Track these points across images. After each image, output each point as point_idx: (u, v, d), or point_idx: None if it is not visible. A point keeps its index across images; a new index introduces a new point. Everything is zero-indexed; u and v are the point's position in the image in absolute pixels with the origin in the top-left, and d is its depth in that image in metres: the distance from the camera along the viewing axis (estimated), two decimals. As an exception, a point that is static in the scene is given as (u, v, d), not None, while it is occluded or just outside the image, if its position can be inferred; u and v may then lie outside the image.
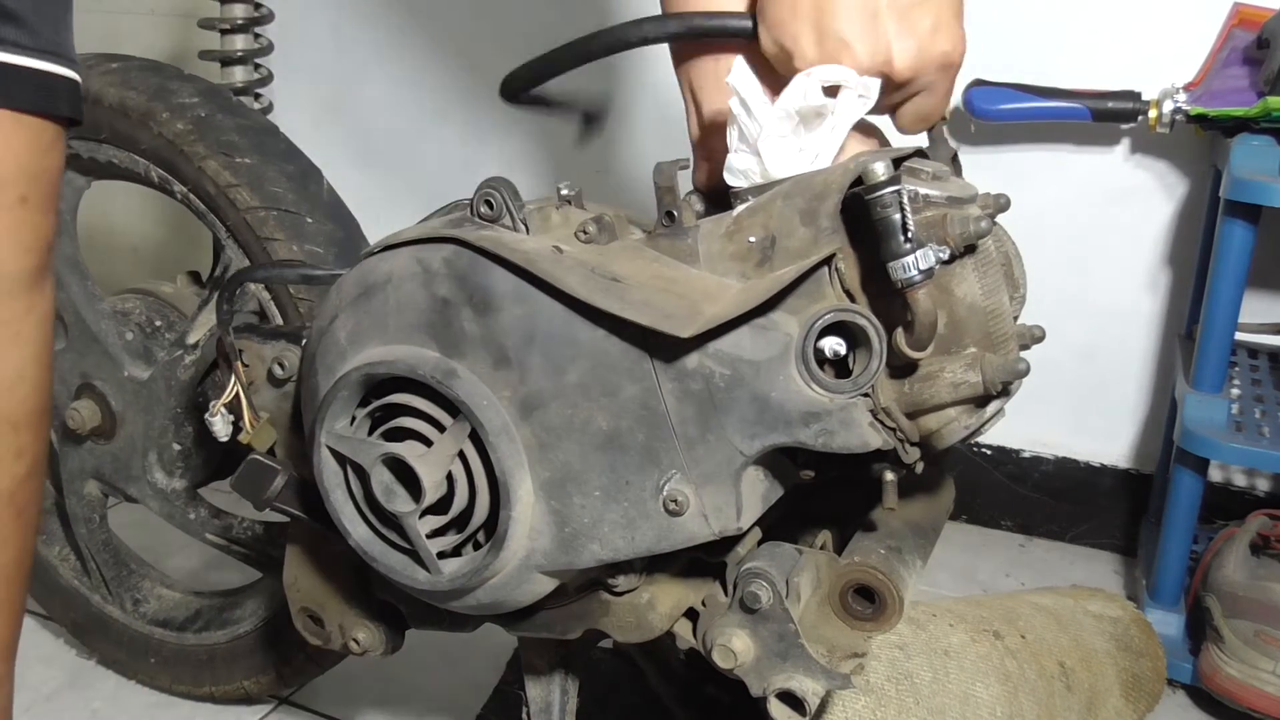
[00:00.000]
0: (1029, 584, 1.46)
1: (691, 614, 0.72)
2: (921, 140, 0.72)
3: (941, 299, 0.61)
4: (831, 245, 0.61)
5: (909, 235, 0.57)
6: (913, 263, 0.57)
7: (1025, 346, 0.67)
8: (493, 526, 0.65)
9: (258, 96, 1.58)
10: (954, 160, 0.71)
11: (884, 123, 0.71)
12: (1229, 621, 1.15)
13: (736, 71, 0.68)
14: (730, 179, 0.70)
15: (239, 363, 0.76)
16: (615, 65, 1.64)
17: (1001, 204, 0.65)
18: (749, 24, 0.68)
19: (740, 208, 0.64)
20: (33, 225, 0.71)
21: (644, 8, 0.72)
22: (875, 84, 0.65)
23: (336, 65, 1.80)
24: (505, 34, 1.71)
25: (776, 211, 0.62)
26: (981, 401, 0.63)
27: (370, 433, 0.67)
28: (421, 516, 0.65)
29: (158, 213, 1.96)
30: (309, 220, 0.97)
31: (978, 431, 0.64)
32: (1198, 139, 1.39)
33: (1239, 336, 1.31)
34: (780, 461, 0.64)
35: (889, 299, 0.60)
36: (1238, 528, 1.25)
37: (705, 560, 0.71)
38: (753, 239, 0.63)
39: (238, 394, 0.76)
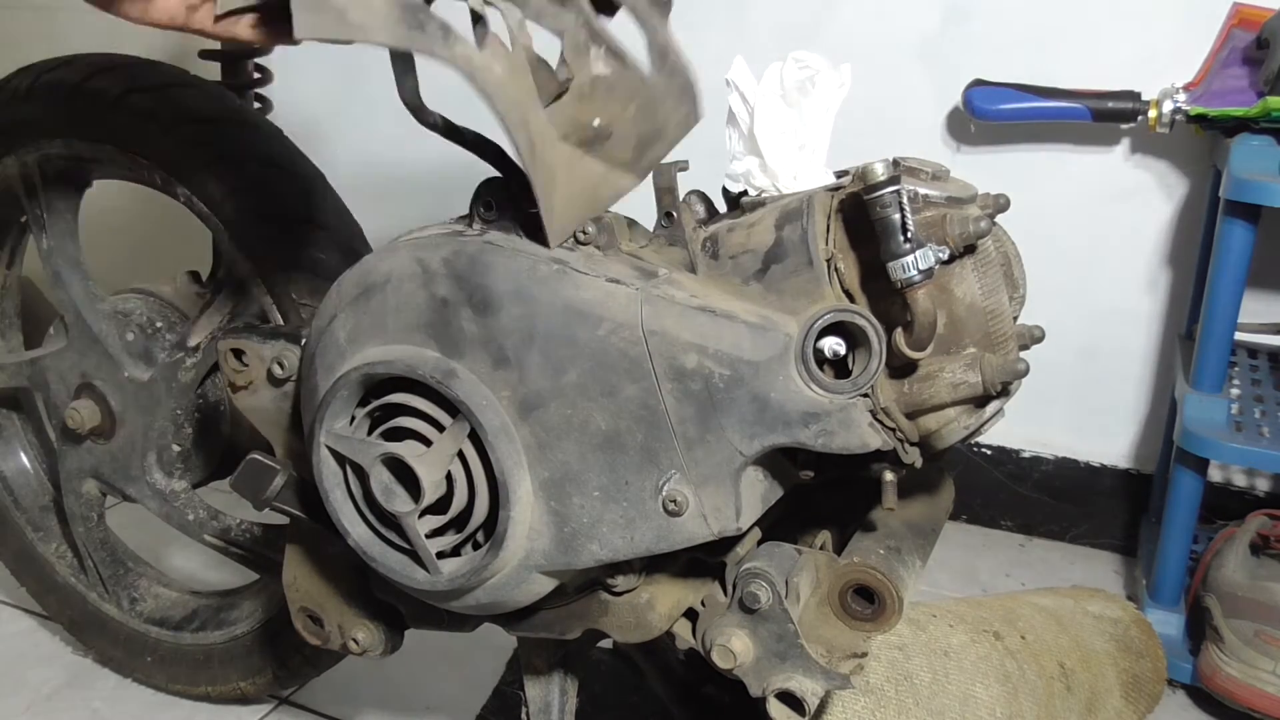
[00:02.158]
0: (1029, 584, 1.46)
1: (691, 614, 0.72)
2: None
3: (941, 299, 0.61)
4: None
5: (909, 235, 0.57)
6: (912, 263, 0.57)
7: (1025, 346, 0.67)
8: (492, 526, 0.65)
9: (258, 97, 1.58)
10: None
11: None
12: (1229, 621, 1.15)
13: (735, 68, 0.68)
14: (730, 185, 0.70)
15: None
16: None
17: (1001, 204, 0.65)
18: None
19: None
20: None
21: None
22: (847, 70, 0.66)
23: (336, 65, 1.80)
24: (505, 34, 1.71)
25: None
26: (981, 401, 0.63)
27: (369, 432, 0.67)
28: (421, 516, 0.65)
29: (158, 213, 1.96)
30: (312, 225, 0.97)
31: (977, 431, 0.64)
32: (1198, 139, 1.39)
33: (1239, 336, 1.31)
34: (780, 462, 0.64)
35: (889, 299, 0.60)
36: (1238, 528, 1.25)
37: (705, 560, 0.71)
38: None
39: None
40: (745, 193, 0.69)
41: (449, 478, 0.65)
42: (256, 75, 1.58)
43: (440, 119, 0.66)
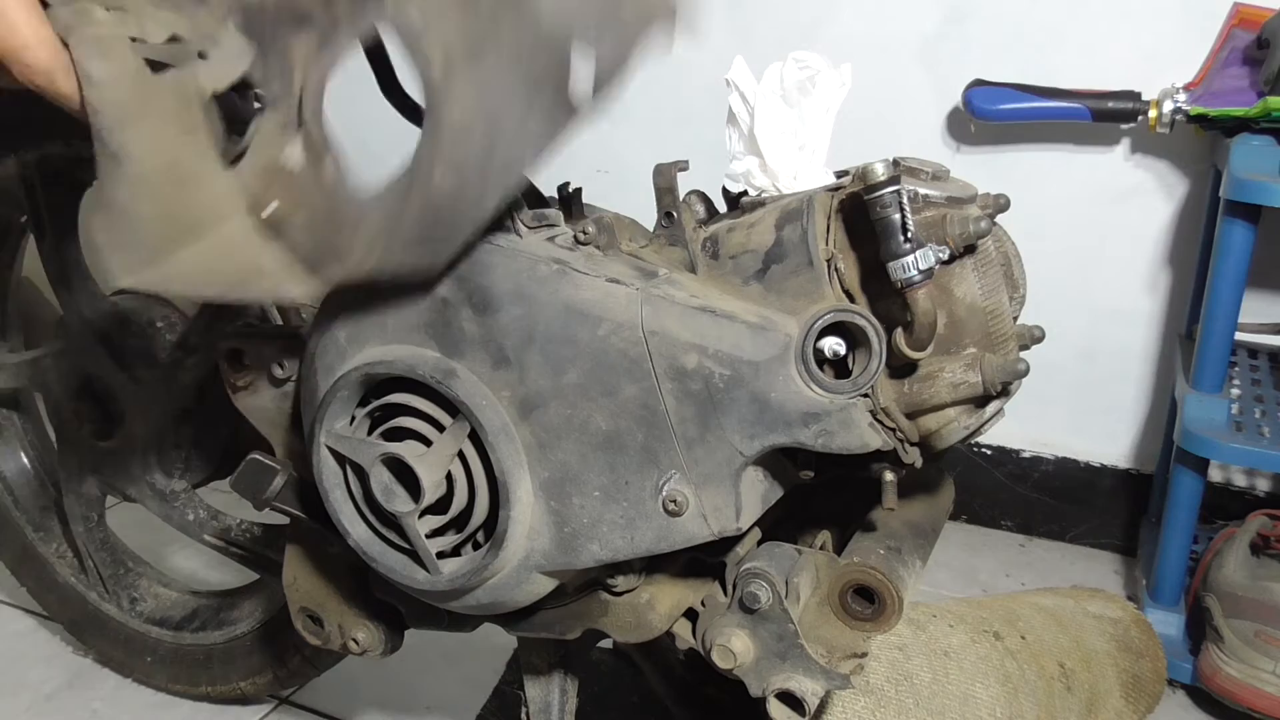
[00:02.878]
0: (1029, 584, 1.46)
1: (691, 614, 0.72)
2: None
3: (941, 299, 0.61)
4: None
5: (909, 235, 0.57)
6: (912, 263, 0.57)
7: (1025, 346, 0.67)
8: (492, 526, 0.65)
9: (257, 97, 1.58)
10: None
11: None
12: (1229, 621, 1.15)
13: (735, 68, 0.68)
14: (730, 185, 0.70)
15: None
16: (615, 65, 1.64)
17: (1001, 204, 0.65)
18: None
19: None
20: None
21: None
22: (847, 70, 0.66)
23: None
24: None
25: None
26: (981, 401, 0.63)
27: (369, 433, 0.67)
28: (421, 516, 0.65)
29: (157, 212, 1.96)
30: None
31: (977, 431, 0.64)
32: (1198, 139, 1.39)
33: (1239, 336, 1.31)
34: (780, 462, 0.64)
35: (889, 299, 0.60)
36: (1238, 528, 1.25)
37: (705, 560, 0.71)
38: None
39: None
40: (745, 193, 0.69)
41: (449, 478, 0.65)
42: (256, 75, 1.58)
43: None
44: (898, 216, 0.57)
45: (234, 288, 0.61)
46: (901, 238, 0.57)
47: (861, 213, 0.59)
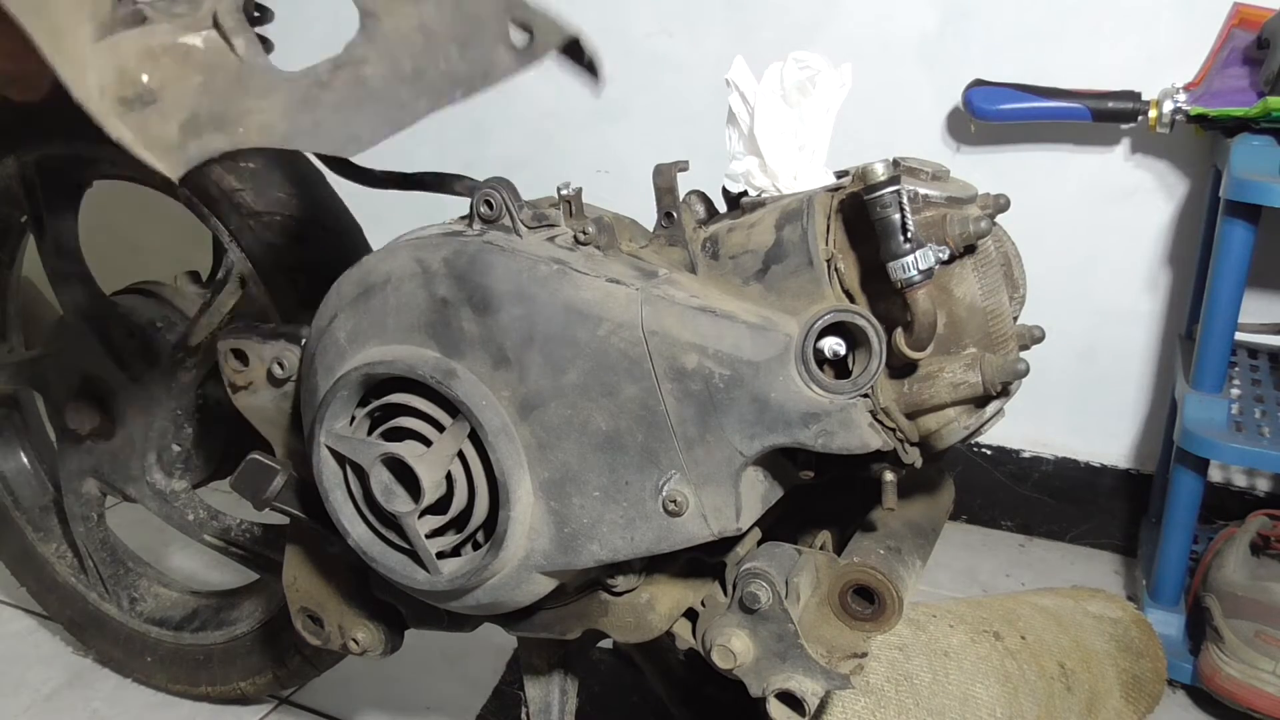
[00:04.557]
0: (1029, 584, 1.46)
1: (691, 614, 0.72)
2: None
3: (941, 299, 0.61)
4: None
5: (909, 235, 0.57)
6: (912, 263, 0.57)
7: (1025, 346, 0.67)
8: (492, 526, 0.65)
9: None
10: None
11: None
12: (1229, 621, 1.15)
13: (735, 68, 0.68)
14: (730, 185, 0.70)
15: None
16: (615, 65, 1.64)
17: (1001, 204, 0.65)
18: None
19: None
20: None
21: (631, 5, 0.72)
22: (848, 70, 0.66)
23: (336, 65, 1.80)
24: (505, 34, 1.71)
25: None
26: (981, 402, 0.63)
27: (369, 433, 0.67)
28: (421, 516, 0.66)
29: (158, 213, 1.96)
30: (313, 225, 0.97)
31: (977, 432, 0.64)
32: (1198, 139, 1.39)
33: (1239, 336, 1.31)
34: (780, 462, 0.64)
35: (889, 299, 0.60)
36: (1238, 528, 1.25)
37: (705, 560, 0.71)
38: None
39: None
40: (745, 193, 0.69)
41: (449, 478, 0.65)
42: (256, 75, 1.58)
43: (381, 173, 0.65)
44: (898, 216, 0.57)
45: None
46: (901, 238, 0.57)
47: (861, 213, 0.59)
